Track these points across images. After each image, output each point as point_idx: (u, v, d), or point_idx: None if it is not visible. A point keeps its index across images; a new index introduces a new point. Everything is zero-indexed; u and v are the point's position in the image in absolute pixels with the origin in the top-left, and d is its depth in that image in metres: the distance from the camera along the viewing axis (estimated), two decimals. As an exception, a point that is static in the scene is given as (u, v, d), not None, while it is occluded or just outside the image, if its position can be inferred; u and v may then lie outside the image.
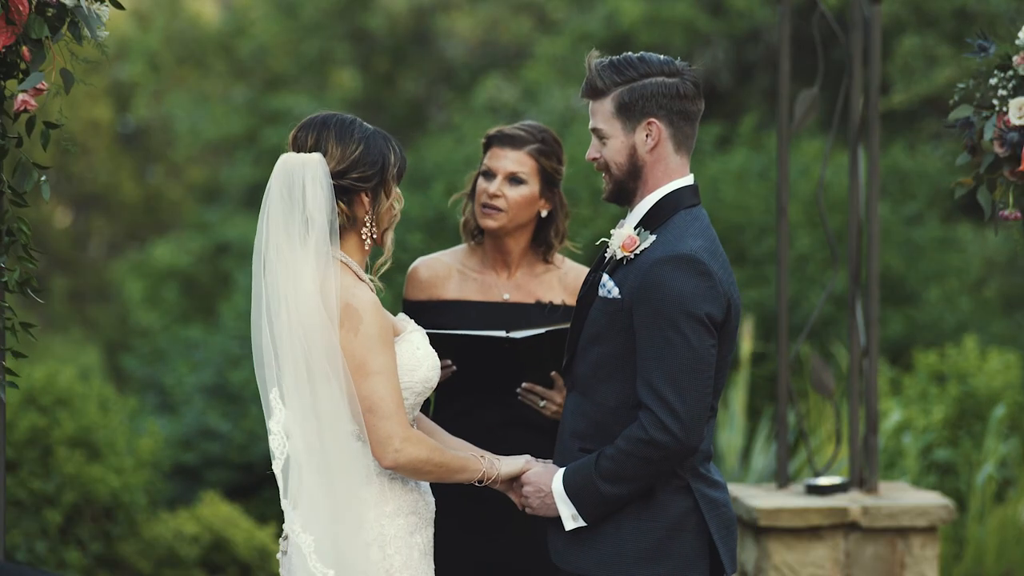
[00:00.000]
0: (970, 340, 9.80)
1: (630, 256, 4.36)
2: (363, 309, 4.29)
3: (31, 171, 4.74)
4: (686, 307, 4.24)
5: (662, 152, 4.41)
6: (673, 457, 4.27)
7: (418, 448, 4.32)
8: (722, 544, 4.40)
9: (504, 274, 5.35)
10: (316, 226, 4.28)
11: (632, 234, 4.38)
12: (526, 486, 4.46)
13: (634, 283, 4.31)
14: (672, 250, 4.29)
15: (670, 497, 4.35)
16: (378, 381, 4.29)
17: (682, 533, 4.35)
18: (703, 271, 4.27)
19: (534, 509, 4.45)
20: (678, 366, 4.23)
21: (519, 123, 5.38)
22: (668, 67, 4.40)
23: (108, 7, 4.73)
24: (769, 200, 11.98)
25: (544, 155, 5.27)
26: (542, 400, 5.11)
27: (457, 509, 5.01)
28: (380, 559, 4.34)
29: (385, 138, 4.43)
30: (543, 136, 5.30)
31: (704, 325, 4.25)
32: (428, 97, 18.34)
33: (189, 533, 9.21)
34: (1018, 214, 5.15)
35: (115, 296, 19.33)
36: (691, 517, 4.36)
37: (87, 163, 20.73)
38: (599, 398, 4.39)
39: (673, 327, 4.23)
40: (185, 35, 19.54)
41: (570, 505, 4.37)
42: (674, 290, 4.24)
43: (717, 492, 4.42)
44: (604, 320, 4.37)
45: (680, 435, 4.24)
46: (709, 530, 4.37)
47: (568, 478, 4.37)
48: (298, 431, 4.28)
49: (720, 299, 4.29)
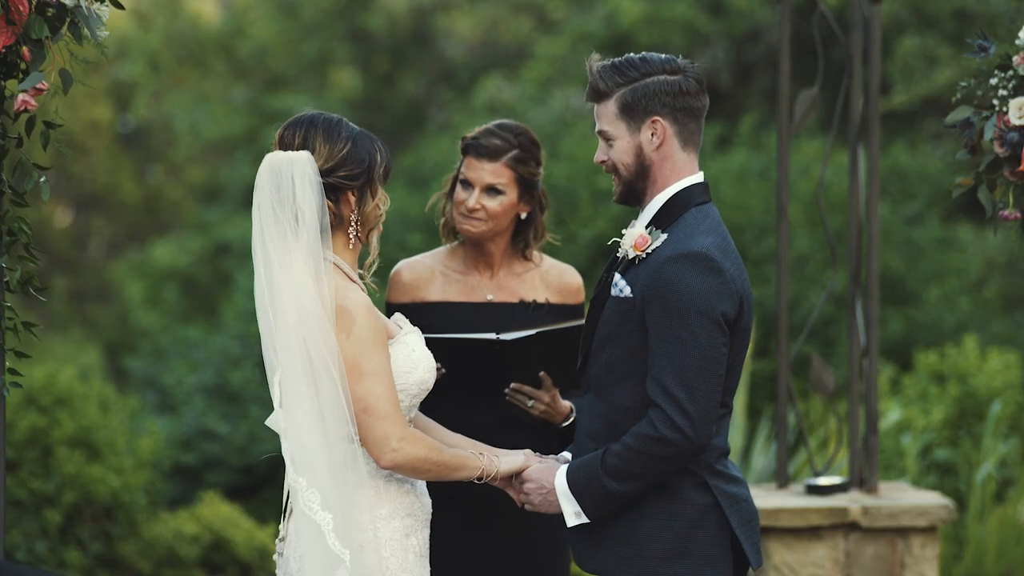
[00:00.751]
0: (970, 340, 9.80)
1: (642, 255, 4.36)
2: (355, 311, 4.30)
3: (31, 171, 4.74)
4: (697, 305, 4.24)
5: (668, 150, 4.41)
6: (682, 455, 4.27)
7: (416, 447, 4.32)
8: (745, 538, 4.39)
9: (487, 275, 5.35)
10: (306, 222, 4.28)
11: (643, 233, 4.38)
12: (527, 483, 4.45)
13: (646, 282, 4.31)
14: (683, 248, 4.29)
15: (688, 495, 4.35)
16: (372, 382, 4.29)
17: (703, 530, 4.35)
18: (714, 268, 4.27)
19: (535, 506, 4.45)
20: (688, 364, 4.23)
21: (495, 123, 5.33)
22: (670, 65, 4.40)
23: (108, 7, 4.73)
24: (769, 200, 11.98)
25: (521, 162, 5.26)
26: (530, 400, 5.11)
27: (453, 510, 5.01)
28: (375, 562, 4.33)
29: (371, 139, 4.44)
30: (519, 141, 5.28)
31: (716, 323, 4.25)
32: (428, 97, 18.33)
33: (189, 533, 9.21)
34: (1018, 214, 5.15)
35: (115, 296, 19.32)
36: (711, 514, 4.36)
37: (87, 163, 20.72)
38: (613, 398, 4.39)
39: (684, 325, 4.24)
40: (185, 35, 19.54)
41: (573, 502, 4.37)
42: (685, 288, 4.25)
43: (736, 487, 4.41)
44: (617, 320, 4.37)
45: (690, 433, 4.24)
46: (731, 525, 4.37)
47: (572, 475, 4.37)
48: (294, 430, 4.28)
49: (732, 296, 4.29)
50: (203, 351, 12.08)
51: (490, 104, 15.87)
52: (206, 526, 9.33)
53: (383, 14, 17.96)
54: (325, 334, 4.26)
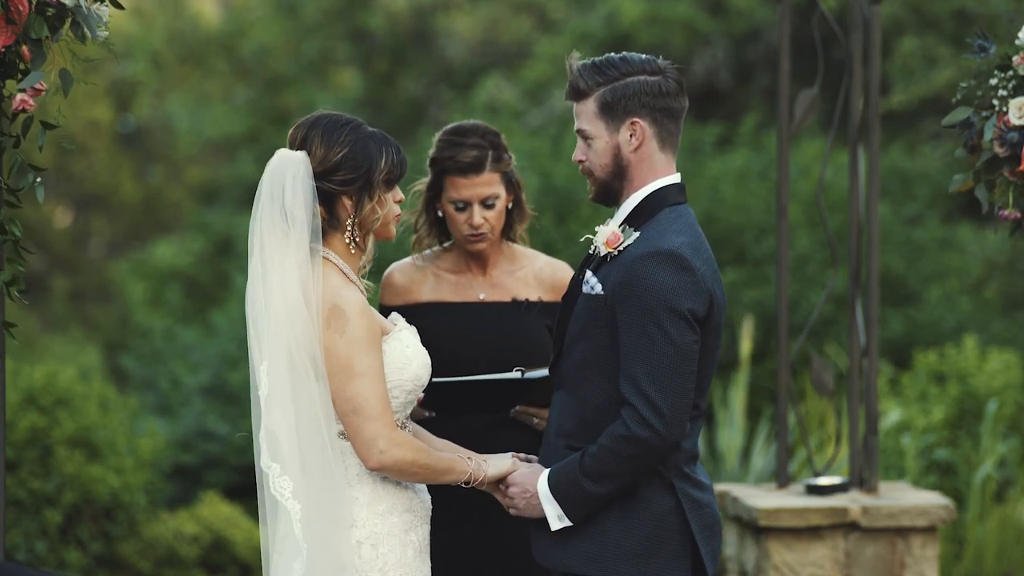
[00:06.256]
0: (970, 340, 9.80)
1: (613, 252, 4.37)
2: (350, 310, 4.30)
3: (27, 172, 4.72)
4: (667, 302, 4.24)
5: (646, 151, 4.41)
6: (655, 453, 4.27)
7: (403, 450, 4.32)
8: (704, 544, 4.40)
9: (480, 274, 5.35)
10: (297, 223, 4.29)
11: (616, 231, 4.39)
12: (512, 487, 4.45)
13: (616, 279, 4.32)
14: (654, 246, 4.29)
15: (653, 495, 4.36)
16: (363, 383, 4.29)
17: (666, 532, 4.36)
18: (685, 266, 4.27)
19: (520, 510, 4.45)
20: (659, 362, 4.24)
21: (450, 132, 5.28)
22: (649, 66, 4.40)
23: (108, 7, 4.73)
24: (769, 200, 11.98)
25: (500, 161, 5.26)
26: (535, 418, 5.10)
27: (454, 505, 5.00)
28: (373, 557, 4.34)
29: (380, 141, 4.42)
30: (490, 140, 5.26)
31: (686, 320, 4.25)
32: (428, 97, 18.33)
33: (189, 533, 9.21)
34: (1018, 214, 5.15)
35: (115, 296, 19.32)
36: (674, 516, 4.37)
37: (87, 163, 20.73)
38: (584, 395, 4.39)
39: (655, 323, 4.24)
40: (186, 35, 19.55)
41: (555, 505, 4.37)
42: (655, 285, 4.25)
43: (701, 493, 4.42)
44: (588, 317, 4.37)
45: (661, 431, 4.24)
46: (691, 530, 4.37)
47: (553, 478, 4.38)
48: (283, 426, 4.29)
49: (703, 295, 4.29)
50: (201, 352, 12.08)
51: (490, 104, 15.88)
52: (206, 526, 9.33)
53: (383, 14, 17.96)
54: (307, 333, 4.26)
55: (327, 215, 4.36)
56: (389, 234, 4.49)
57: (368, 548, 4.34)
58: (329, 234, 4.39)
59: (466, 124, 5.32)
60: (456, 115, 15.68)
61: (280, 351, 4.28)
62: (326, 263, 4.37)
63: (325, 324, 4.28)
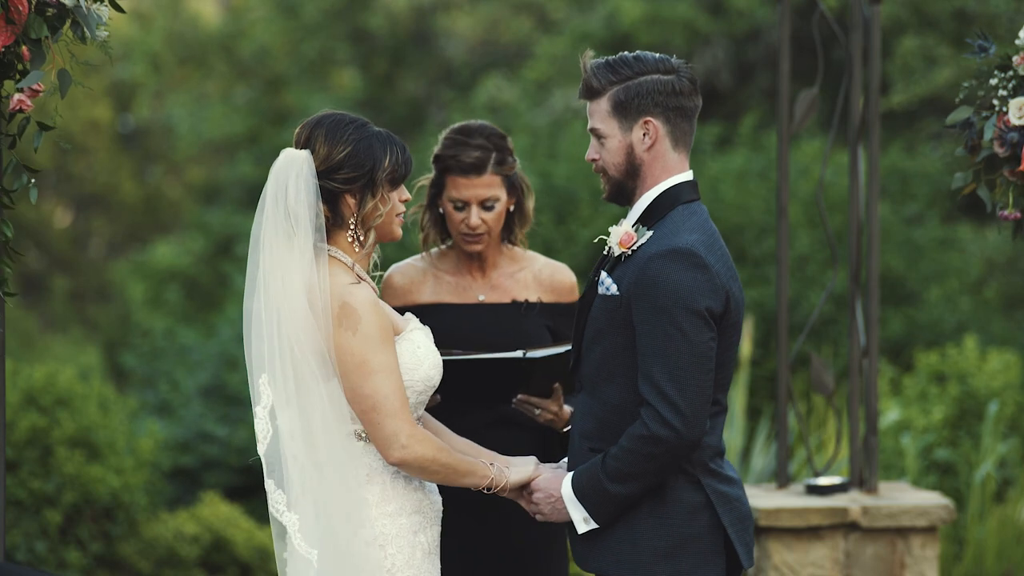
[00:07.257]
0: (970, 340, 9.80)
1: (627, 252, 4.37)
2: (360, 308, 4.29)
3: (21, 173, 4.71)
4: (683, 301, 4.24)
5: (660, 150, 4.40)
6: (676, 452, 4.27)
7: (425, 446, 4.32)
8: (737, 538, 4.39)
9: (479, 275, 5.34)
10: (300, 223, 4.30)
11: (629, 230, 4.38)
12: (536, 493, 4.45)
13: (631, 279, 4.31)
14: (668, 244, 4.29)
15: (682, 494, 4.35)
16: (380, 379, 4.29)
17: (696, 529, 4.35)
18: (699, 264, 4.26)
19: (546, 516, 4.45)
20: (677, 360, 4.23)
21: (456, 131, 5.27)
22: (663, 64, 4.40)
23: (107, 7, 4.72)
24: (769, 200, 11.98)
25: (503, 163, 5.24)
26: (537, 409, 5.09)
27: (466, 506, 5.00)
28: (381, 558, 4.34)
29: (385, 140, 4.42)
30: (493, 142, 5.25)
31: (702, 318, 4.25)
32: (428, 97, 18.33)
33: (189, 533, 9.21)
34: (1018, 214, 5.15)
35: (115, 296, 19.32)
36: (704, 513, 4.36)
37: (87, 163, 20.73)
38: (604, 396, 4.39)
39: (671, 321, 4.24)
40: (186, 35, 19.54)
41: (581, 508, 4.37)
42: (671, 284, 4.24)
43: (730, 487, 4.41)
44: (604, 318, 4.37)
45: (681, 429, 4.24)
46: (723, 525, 4.37)
47: (576, 481, 4.37)
48: (287, 427, 4.29)
49: (718, 292, 4.28)
50: (200, 353, 12.08)
51: (490, 104, 15.88)
52: (206, 526, 9.33)
53: (383, 14, 17.96)
54: (312, 335, 4.26)
55: (331, 214, 4.36)
56: (394, 234, 4.48)
57: (376, 549, 4.34)
58: (333, 232, 4.39)
59: (473, 124, 5.31)
60: (456, 115, 15.68)
61: (284, 357, 4.27)
62: (332, 260, 4.37)
63: (336, 323, 4.28)
